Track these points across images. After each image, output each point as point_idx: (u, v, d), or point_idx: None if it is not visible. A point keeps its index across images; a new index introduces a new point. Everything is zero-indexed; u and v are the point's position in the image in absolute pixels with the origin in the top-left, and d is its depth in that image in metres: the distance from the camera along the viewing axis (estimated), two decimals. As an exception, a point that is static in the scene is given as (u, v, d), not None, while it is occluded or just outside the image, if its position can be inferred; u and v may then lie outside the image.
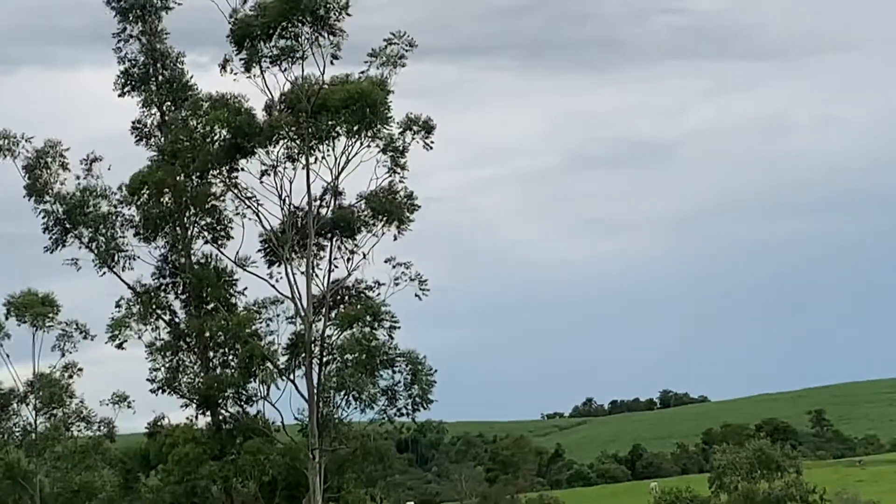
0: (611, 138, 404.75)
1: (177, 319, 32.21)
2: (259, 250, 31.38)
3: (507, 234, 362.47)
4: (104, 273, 32.00)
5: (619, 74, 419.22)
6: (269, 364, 30.25)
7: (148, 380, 31.68)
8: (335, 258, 31.27)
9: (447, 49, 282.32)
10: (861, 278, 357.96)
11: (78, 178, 31.82)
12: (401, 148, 30.40)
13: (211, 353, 31.92)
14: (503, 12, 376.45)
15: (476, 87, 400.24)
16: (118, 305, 31.65)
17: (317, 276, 31.03)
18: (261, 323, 30.95)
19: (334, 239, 31.19)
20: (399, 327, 30.39)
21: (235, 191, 31.01)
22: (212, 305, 31.76)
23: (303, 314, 30.27)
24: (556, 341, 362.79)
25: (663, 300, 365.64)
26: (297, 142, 30.17)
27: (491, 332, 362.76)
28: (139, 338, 31.55)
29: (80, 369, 45.51)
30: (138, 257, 32.14)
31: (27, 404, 44.72)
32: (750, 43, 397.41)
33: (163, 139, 31.58)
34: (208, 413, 31.73)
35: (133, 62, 32.09)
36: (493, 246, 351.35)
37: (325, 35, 29.51)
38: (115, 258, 31.80)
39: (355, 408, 30.35)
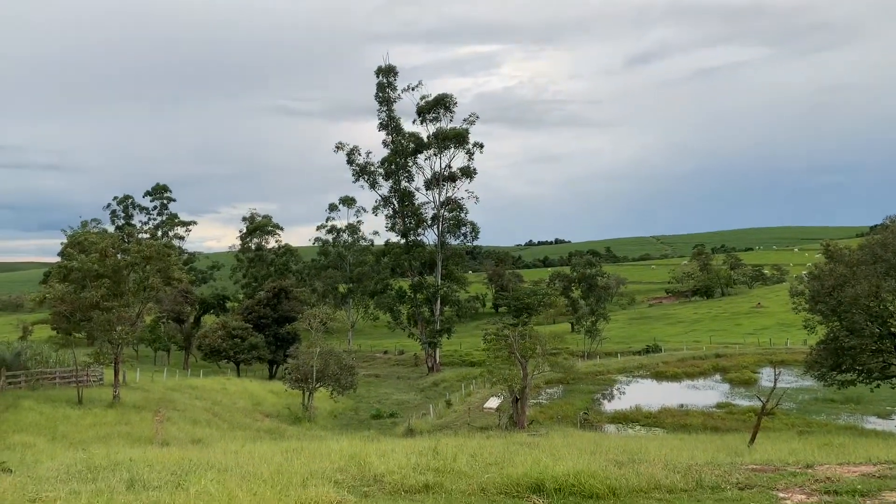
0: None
1: (395, 207, 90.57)
2: (424, 183, 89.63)
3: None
4: (372, 190, 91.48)
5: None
6: (426, 221, 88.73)
7: (385, 226, 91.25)
8: (449, 189, 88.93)
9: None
10: None
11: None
12: (472, 152, 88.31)
13: (406, 217, 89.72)
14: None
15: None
16: (376, 201, 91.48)
17: (441, 193, 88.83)
18: (423, 209, 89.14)
19: (448, 182, 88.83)
20: (468, 212, 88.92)
21: (417, 164, 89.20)
22: (406, 203, 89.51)
23: (437, 205, 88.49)
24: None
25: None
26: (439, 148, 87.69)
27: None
28: (382, 212, 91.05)
29: (361, 222, 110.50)
30: (382, 185, 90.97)
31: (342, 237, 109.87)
32: None
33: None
34: (404, 238, 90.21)
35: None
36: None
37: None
38: (374, 186, 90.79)
39: (452, 238, 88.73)
